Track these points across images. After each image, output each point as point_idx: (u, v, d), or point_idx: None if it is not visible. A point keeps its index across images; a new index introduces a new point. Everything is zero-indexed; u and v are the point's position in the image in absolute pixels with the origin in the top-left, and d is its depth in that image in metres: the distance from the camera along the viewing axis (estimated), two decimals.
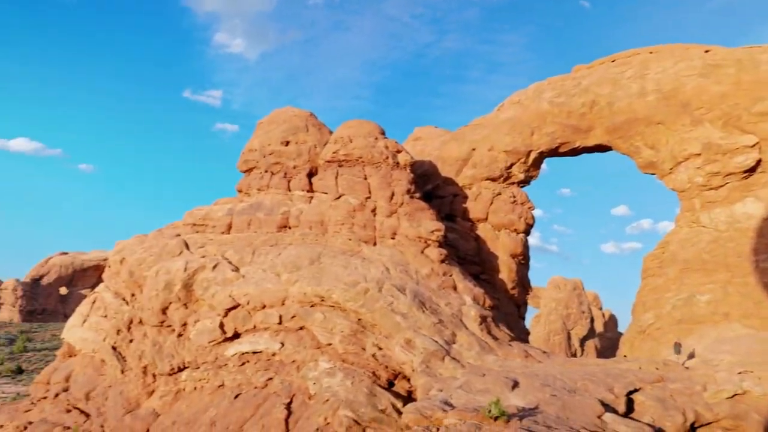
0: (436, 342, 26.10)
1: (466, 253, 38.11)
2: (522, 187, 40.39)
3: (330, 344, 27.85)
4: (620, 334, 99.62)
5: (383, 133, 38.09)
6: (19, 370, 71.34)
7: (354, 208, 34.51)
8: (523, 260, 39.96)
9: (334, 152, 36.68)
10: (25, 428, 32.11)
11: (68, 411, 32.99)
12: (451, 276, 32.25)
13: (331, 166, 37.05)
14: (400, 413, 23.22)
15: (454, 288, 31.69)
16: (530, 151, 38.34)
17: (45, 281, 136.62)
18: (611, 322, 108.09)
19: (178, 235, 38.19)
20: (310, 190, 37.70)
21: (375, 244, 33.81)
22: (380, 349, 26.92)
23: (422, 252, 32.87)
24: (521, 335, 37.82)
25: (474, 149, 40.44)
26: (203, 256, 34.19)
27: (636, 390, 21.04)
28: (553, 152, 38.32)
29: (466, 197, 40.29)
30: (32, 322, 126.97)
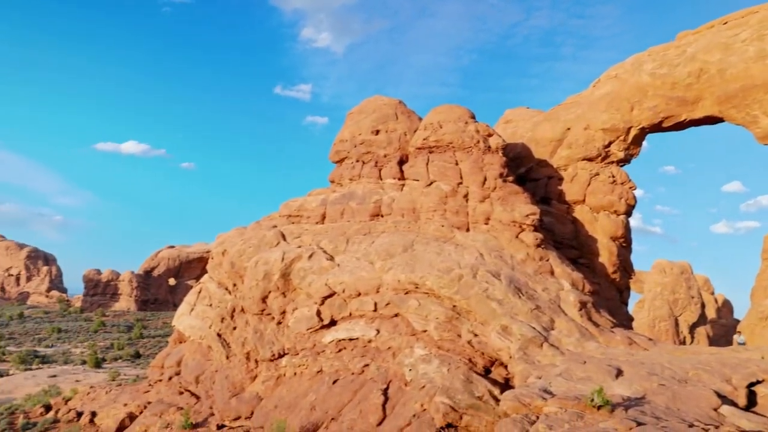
0: (534, 328, 25.35)
1: (562, 236, 36.74)
2: (622, 166, 38.27)
3: (425, 331, 27.79)
4: (736, 321, 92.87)
5: (473, 118, 37.35)
6: (137, 355, 77.06)
7: (446, 194, 34.15)
8: (624, 243, 37.97)
9: (424, 139, 36.43)
10: (145, 407, 34.58)
11: (181, 393, 35.17)
12: (547, 261, 31.21)
13: (422, 153, 36.84)
14: (497, 400, 22.78)
15: (551, 273, 30.65)
16: (630, 128, 36.20)
17: (156, 273, 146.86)
18: (725, 307, 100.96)
19: (275, 226, 39.50)
20: (402, 177, 37.72)
21: (468, 230, 33.33)
22: (476, 335, 26.52)
23: (517, 237, 32.01)
24: (624, 321, 36.04)
25: (569, 129, 38.76)
26: (299, 246, 35.15)
27: (759, 382, 19.34)
28: (656, 127, 35.94)
29: (561, 179, 38.77)
30: (146, 310, 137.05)
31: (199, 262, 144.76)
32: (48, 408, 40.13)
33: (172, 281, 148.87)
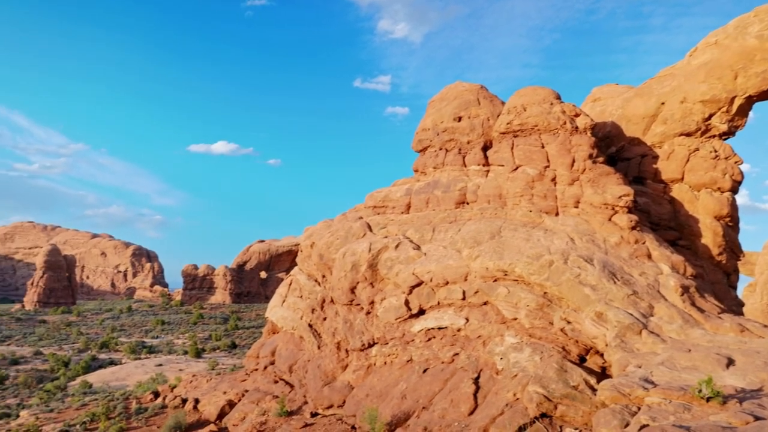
0: (631, 315, 24.09)
1: (659, 218, 34.73)
2: (725, 139, 35.56)
3: (515, 319, 27.15)
4: None
5: (559, 98, 35.95)
6: (233, 345, 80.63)
7: (532, 178, 33.14)
8: (730, 222, 35.35)
9: (507, 123, 35.49)
10: (243, 395, 36.05)
11: (275, 382, 36.36)
12: (644, 243, 29.59)
13: (506, 138, 35.94)
14: (594, 390, 21.88)
15: (648, 256, 29.02)
16: (734, 98, 33.50)
17: (248, 267, 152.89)
18: None
19: (361, 217, 39.88)
20: (486, 163, 36.98)
21: (557, 214, 32.20)
22: (569, 322, 25.60)
23: (609, 219, 30.56)
24: (733, 307, 33.63)
25: (663, 103, 36.45)
26: (385, 237, 35.29)
27: None
28: (765, 95, 33.06)
29: (656, 157, 36.61)
30: (240, 303, 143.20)
31: (289, 255, 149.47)
32: (156, 394, 42.80)
33: (263, 274, 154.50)
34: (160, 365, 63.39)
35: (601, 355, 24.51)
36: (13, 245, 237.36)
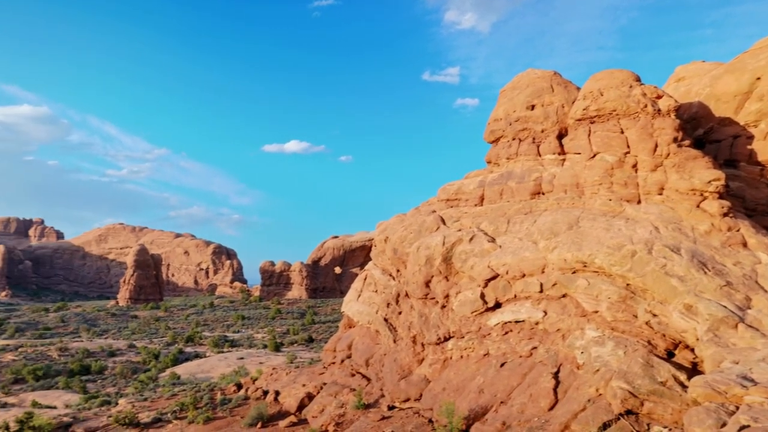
0: (725, 307, 22.57)
1: (756, 203, 32.40)
2: None
3: (596, 312, 26.08)
4: None
5: (638, 80, 34.16)
6: (310, 339, 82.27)
7: (611, 165, 31.73)
8: None
9: (584, 109, 34.13)
10: (321, 388, 36.65)
11: (352, 375, 36.73)
12: (738, 231, 27.66)
13: (582, 124, 34.58)
14: (684, 387, 20.68)
15: (744, 245, 27.11)
16: None
17: (322, 262, 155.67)
18: None
19: (434, 211, 39.60)
20: (561, 152, 35.77)
21: (639, 202, 30.68)
22: (654, 315, 24.30)
23: (698, 206, 28.77)
24: None
25: (758, 78, 33.88)
26: (459, 230, 34.85)
27: None
28: None
29: (750, 137, 34.13)
30: (315, 298, 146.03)
31: (362, 251, 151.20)
32: (239, 386, 44.28)
33: (337, 270, 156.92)
34: (242, 358, 65.55)
35: (692, 350, 23.12)
36: (106, 246, 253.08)
